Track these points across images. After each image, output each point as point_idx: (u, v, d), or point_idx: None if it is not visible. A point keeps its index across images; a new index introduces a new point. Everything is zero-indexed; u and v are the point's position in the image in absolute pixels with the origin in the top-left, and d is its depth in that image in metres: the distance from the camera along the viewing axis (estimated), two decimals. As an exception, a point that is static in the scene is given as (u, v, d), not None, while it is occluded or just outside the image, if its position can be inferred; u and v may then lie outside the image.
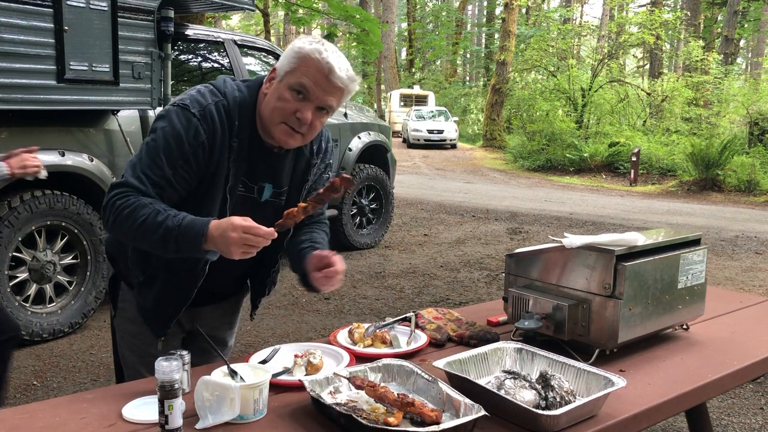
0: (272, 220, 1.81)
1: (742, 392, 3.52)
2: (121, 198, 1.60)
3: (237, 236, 1.52)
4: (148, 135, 1.69)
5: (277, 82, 1.67)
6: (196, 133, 1.62)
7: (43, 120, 3.95)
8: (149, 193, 1.61)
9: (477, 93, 32.98)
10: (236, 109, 1.67)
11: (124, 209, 1.59)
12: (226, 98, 1.67)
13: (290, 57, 1.65)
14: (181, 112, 1.64)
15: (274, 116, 1.66)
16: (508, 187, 14.00)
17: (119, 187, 1.62)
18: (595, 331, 1.76)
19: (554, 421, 1.35)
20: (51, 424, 1.37)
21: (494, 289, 5.54)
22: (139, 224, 1.57)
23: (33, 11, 3.59)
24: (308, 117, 1.65)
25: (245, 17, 34.08)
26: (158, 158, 1.62)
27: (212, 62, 5.35)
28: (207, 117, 1.63)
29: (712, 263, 6.54)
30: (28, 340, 3.93)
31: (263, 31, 15.09)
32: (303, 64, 1.63)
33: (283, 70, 1.66)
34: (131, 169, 1.64)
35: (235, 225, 1.53)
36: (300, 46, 1.65)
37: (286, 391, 1.55)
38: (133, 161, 1.66)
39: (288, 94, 1.63)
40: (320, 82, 1.63)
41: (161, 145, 1.63)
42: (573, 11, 33.81)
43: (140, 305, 1.81)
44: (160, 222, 1.56)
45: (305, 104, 1.64)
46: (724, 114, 18.44)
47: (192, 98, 1.66)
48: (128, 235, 1.63)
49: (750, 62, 35.93)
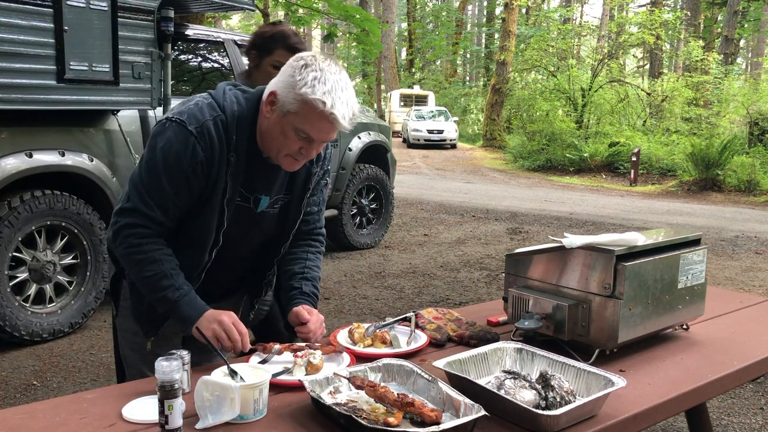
0: (268, 229, 1.86)
1: (742, 392, 3.52)
2: (134, 236, 1.67)
3: (216, 327, 1.66)
4: (147, 151, 1.69)
5: (279, 115, 1.63)
6: (193, 152, 1.63)
7: (43, 120, 3.95)
8: (158, 218, 1.67)
9: (477, 93, 32.99)
10: (234, 124, 1.67)
11: (136, 254, 1.68)
12: (224, 113, 1.66)
13: (293, 97, 1.59)
14: (178, 129, 1.64)
15: (279, 149, 1.67)
16: (508, 187, 14.00)
17: (130, 215, 1.68)
18: (595, 331, 1.76)
19: (554, 421, 1.35)
20: (51, 424, 1.37)
21: (494, 289, 5.54)
22: (144, 277, 1.68)
23: (33, 11, 3.59)
24: (313, 153, 1.70)
25: (245, 17, 34.07)
26: (159, 180, 1.65)
27: (212, 62, 5.35)
28: (204, 134, 1.63)
29: (712, 263, 6.54)
30: (28, 340, 3.93)
31: (263, 31, 15.06)
32: (307, 113, 1.59)
33: (286, 107, 1.61)
34: (136, 191, 1.68)
35: (220, 320, 1.67)
36: (304, 92, 1.58)
37: (286, 391, 1.55)
38: (135, 180, 1.69)
39: (292, 134, 1.63)
40: (324, 128, 1.62)
41: (161, 166, 1.64)
42: (573, 11, 33.81)
43: (134, 305, 1.83)
44: (164, 287, 1.67)
45: (310, 144, 1.66)
46: (724, 114, 18.44)
47: (190, 113, 1.66)
48: (131, 274, 1.76)
49: (750, 62, 35.93)
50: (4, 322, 3.77)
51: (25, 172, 3.82)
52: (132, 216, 1.67)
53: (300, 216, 1.89)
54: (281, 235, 1.90)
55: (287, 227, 1.89)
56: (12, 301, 3.84)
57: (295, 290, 1.90)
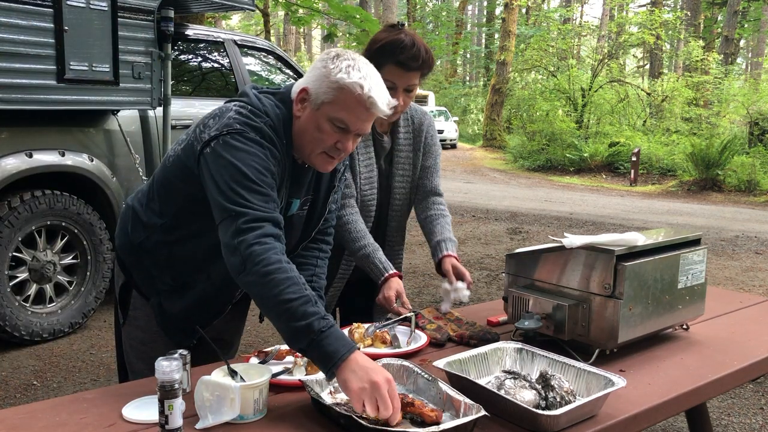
0: (297, 231, 1.79)
1: (742, 392, 3.52)
2: (263, 245, 1.42)
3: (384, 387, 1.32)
4: (220, 175, 1.48)
5: (312, 110, 1.57)
6: (272, 153, 1.53)
7: (43, 120, 3.94)
8: (278, 220, 1.48)
9: (477, 93, 32.99)
10: (281, 127, 1.59)
11: (272, 272, 1.40)
12: (269, 117, 1.58)
13: (327, 85, 1.54)
14: (243, 139, 1.50)
15: (314, 146, 1.60)
16: (508, 187, 14.00)
17: (253, 220, 1.44)
18: (595, 331, 1.76)
19: (554, 421, 1.35)
20: (51, 424, 1.37)
21: (494, 289, 5.54)
22: (281, 301, 1.39)
23: (33, 11, 3.59)
24: (350, 148, 1.61)
25: (245, 17, 34.07)
26: (258, 187, 1.47)
27: (212, 62, 5.35)
28: (266, 137, 1.54)
29: (712, 263, 6.54)
30: (28, 340, 3.93)
31: (263, 31, 15.09)
32: (343, 97, 1.53)
33: (320, 98, 1.55)
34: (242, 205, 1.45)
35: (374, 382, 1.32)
36: (339, 77, 1.52)
37: (286, 391, 1.55)
38: (234, 199, 1.46)
39: (327, 126, 1.56)
40: (362, 116, 1.56)
41: (251, 173, 1.47)
42: (573, 11, 33.82)
43: (166, 312, 1.75)
44: (307, 314, 1.38)
45: (346, 136, 1.58)
46: (724, 114, 18.45)
47: (241, 123, 1.52)
48: (257, 297, 1.45)
49: (750, 62, 35.93)
50: (4, 322, 3.77)
51: (25, 172, 3.82)
52: (256, 222, 1.44)
53: (324, 215, 1.85)
54: (303, 234, 1.85)
55: (311, 226, 1.84)
56: (12, 301, 3.84)
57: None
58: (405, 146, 2.29)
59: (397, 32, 2.06)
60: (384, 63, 2.00)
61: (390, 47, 2.02)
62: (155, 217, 1.72)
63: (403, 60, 2.01)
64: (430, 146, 2.34)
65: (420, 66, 2.04)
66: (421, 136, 2.32)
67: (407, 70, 2.03)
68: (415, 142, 2.31)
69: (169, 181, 1.68)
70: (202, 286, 1.73)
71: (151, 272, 1.77)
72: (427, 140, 2.33)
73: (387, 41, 2.03)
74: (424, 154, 2.33)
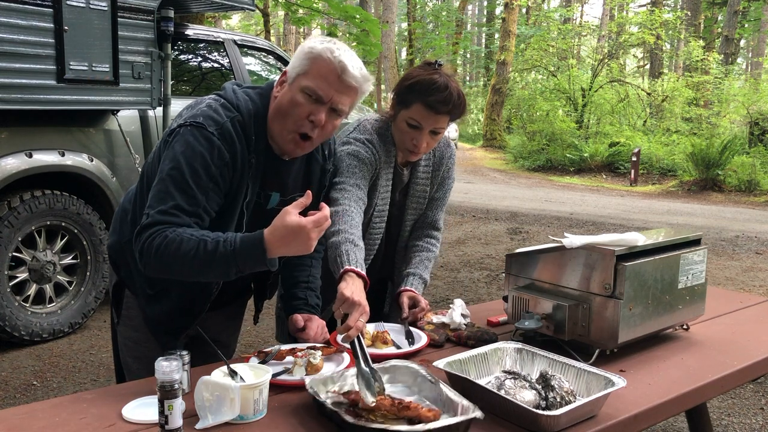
0: None
1: (742, 392, 3.52)
2: (157, 237, 1.49)
3: (315, 234, 1.48)
4: (166, 162, 1.56)
5: (288, 85, 1.62)
6: (220, 154, 1.55)
7: (43, 120, 3.94)
8: (186, 223, 1.53)
9: (477, 93, 32.96)
10: (251, 123, 1.62)
11: (166, 248, 1.48)
12: (240, 112, 1.61)
13: (301, 58, 1.61)
14: (198, 133, 1.55)
15: (287, 123, 1.61)
16: (508, 187, 14.00)
17: (149, 228, 1.51)
18: (595, 331, 1.76)
19: (554, 421, 1.35)
20: (51, 424, 1.37)
21: (494, 289, 5.54)
22: (191, 259, 1.47)
23: (33, 11, 3.59)
24: (322, 118, 1.61)
25: (245, 17, 34.05)
26: (188, 188, 1.53)
27: (212, 62, 5.35)
28: (226, 135, 1.57)
29: (712, 263, 6.53)
30: (28, 340, 3.93)
31: (263, 31, 15.08)
32: (315, 65, 1.59)
33: (295, 72, 1.61)
34: (157, 205, 1.52)
35: (301, 225, 1.45)
36: (311, 46, 1.60)
37: (286, 391, 1.55)
38: (159, 196, 1.54)
39: (301, 97, 1.59)
40: (333, 82, 1.59)
41: (187, 172, 1.53)
42: (573, 11, 33.79)
43: (149, 317, 1.77)
44: (212, 251, 1.46)
45: (319, 107, 1.60)
46: (725, 114, 18.43)
47: (205, 116, 1.57)
48: (178, 273, 1.53)
49: (750, 62, 35.90)
50: (4, 322, 3.77)
51: (25, 172, 3.82)
52: (151, 228, 1.52)
53: None
54: None
55: None
56: (12, 301, 3.84)
57: (300, 300, 1.88)
58: (423, 180, 2.23)
59: (432, 71, 1.97)
60: (413, 101, 1.95)
61: (421, 86, 1.94)
62: (140, 215, 1.72)
63: (432, 102, 1.93)
64: (444, 179, 2.29)
65: (449, 111, 1.96)
66: (440, 170, 2.26)
67: (435, 113, 1.95)
68: (434, 176, 2.26)
69: (149, 177, 1.69)
70: (179, 291, 1.72)
71: (131, 274, 1.77)
72: (443, 173, 2.28)
73: (419, 79, 1.95)
74: (437, 186, 2.28)
